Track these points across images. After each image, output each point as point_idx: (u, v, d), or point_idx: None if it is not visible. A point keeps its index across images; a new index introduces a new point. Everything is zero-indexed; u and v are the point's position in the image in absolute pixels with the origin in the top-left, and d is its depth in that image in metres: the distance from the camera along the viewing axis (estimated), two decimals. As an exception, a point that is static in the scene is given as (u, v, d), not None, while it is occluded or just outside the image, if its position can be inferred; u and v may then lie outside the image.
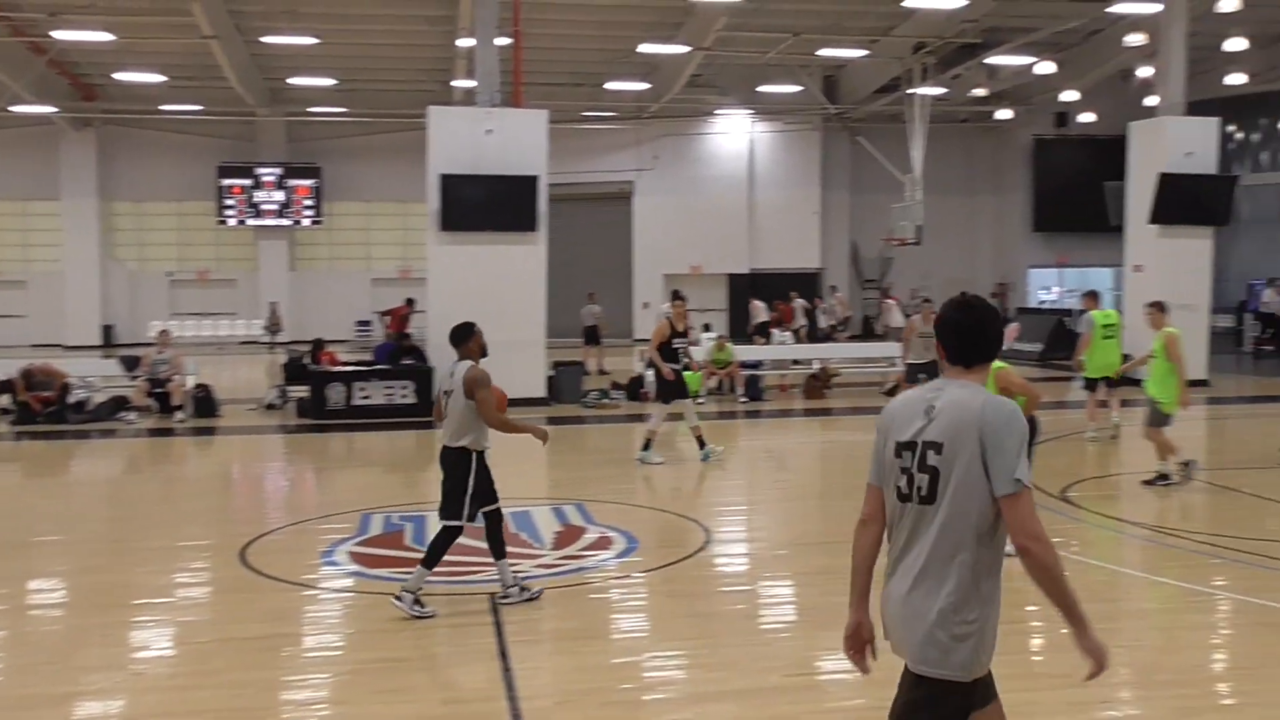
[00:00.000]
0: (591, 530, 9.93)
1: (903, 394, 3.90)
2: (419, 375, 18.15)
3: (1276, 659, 6.69)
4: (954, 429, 3.48)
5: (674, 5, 24.86)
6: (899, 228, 31.32)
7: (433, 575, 7.55)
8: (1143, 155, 21.34)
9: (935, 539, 3.52)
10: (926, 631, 3.53)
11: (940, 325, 3.75)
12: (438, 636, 7.23)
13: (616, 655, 6.97)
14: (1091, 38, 29.59)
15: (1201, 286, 21.30)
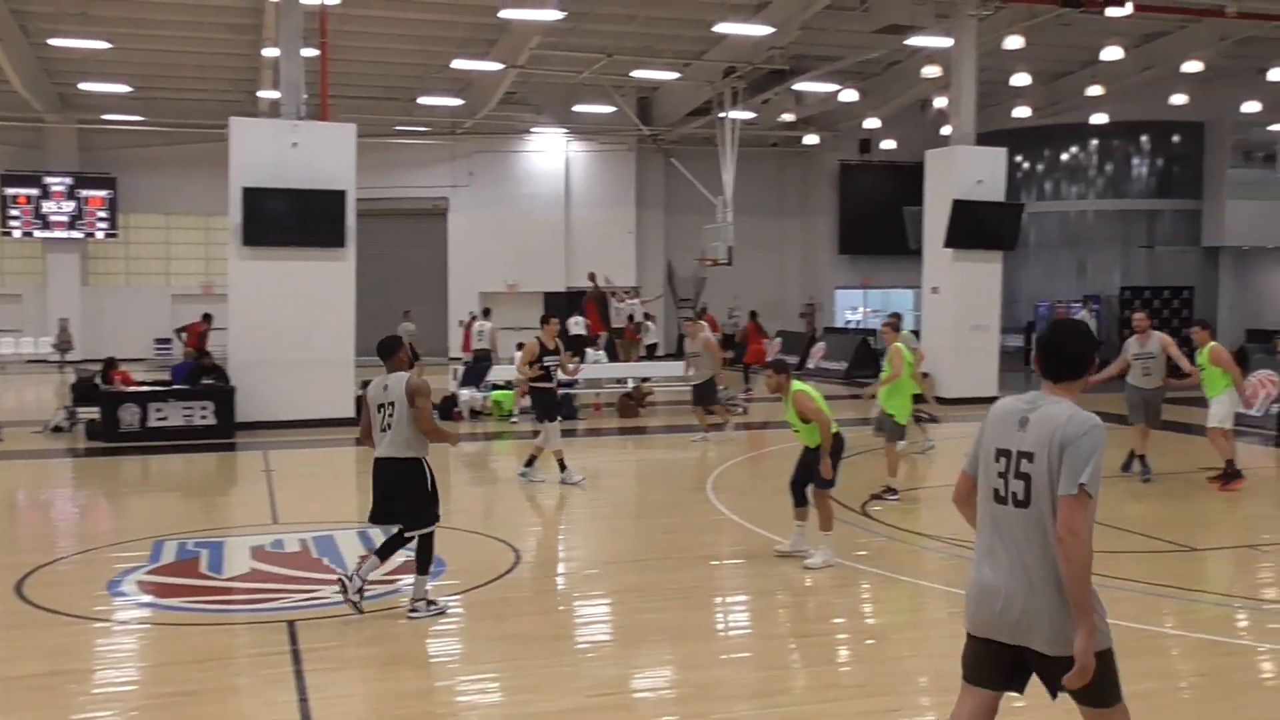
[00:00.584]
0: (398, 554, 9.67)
1: (1004, 400, 4.30)
2: (219, 395, 17.43)
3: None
4: (1043, 440, 3.94)
5: (488, 22, 24.72)
6: (711, 248, 31.91)
7: (237, 604, 7.24)
8: (938, 182, 22.36)
9: (1036, 540, 3.95)
10: (1058, 624, 3.94)
11: (1037, 344, 4.26)
12: (234, 667, 6.93)
13: (421, 681, 6.81)
14: (891, 68, 30.90)
15: (992, 307, 22.44)
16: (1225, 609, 8.07)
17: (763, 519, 11.09)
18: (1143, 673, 6.74)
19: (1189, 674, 6.84)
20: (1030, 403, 4.10)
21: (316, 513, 11.62)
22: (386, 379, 7.74)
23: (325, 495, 12.74)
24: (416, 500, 7.67)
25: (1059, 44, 27.84)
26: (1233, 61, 29.64)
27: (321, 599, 8.23)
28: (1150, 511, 11.75)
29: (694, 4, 24.38)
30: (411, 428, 7.58)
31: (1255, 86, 30.74)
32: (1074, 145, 35.87)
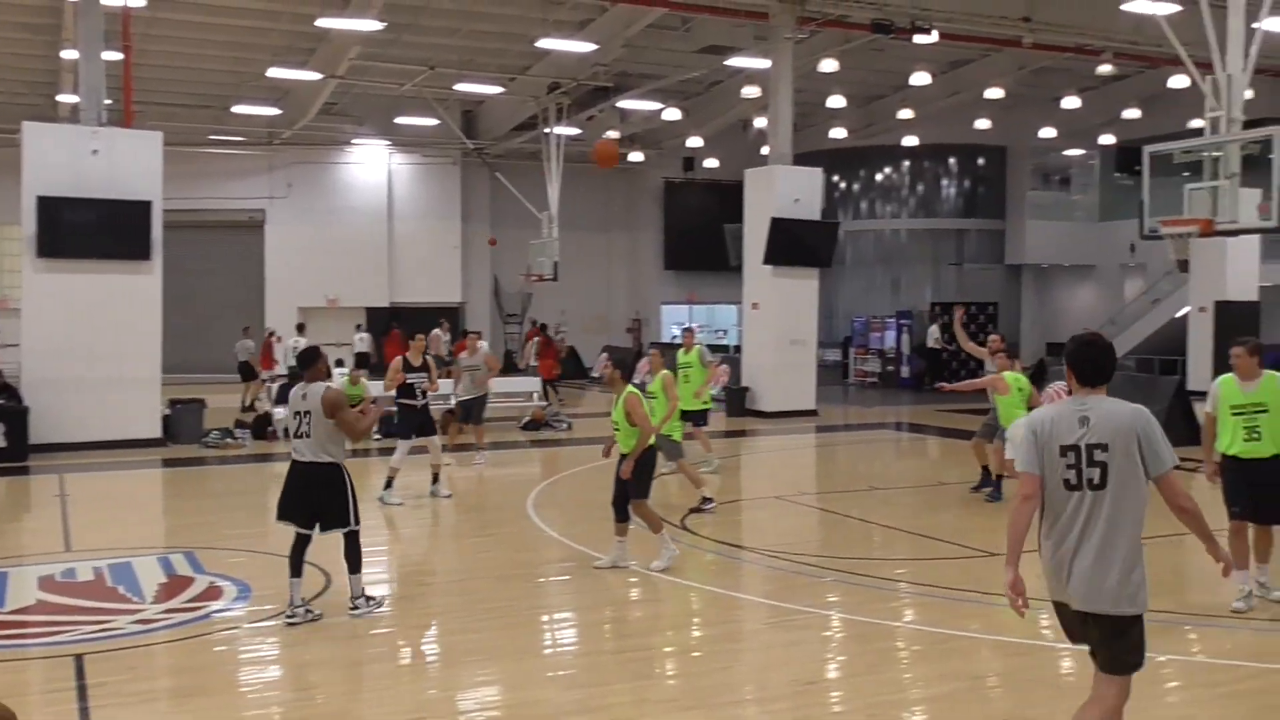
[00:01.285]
0: (200, 580, 9.29)
1: (1051, 409, 5.02)
2: (11, 416, 16.43)
3: (874, 666, 7.22)
4: (1114, 432, 4.77)
5: (305, 30, 24.10)
6: (537, 264, 31.89)
7: (20, 639, 6.80)
8: (757, 200, 22.85)
9: (1109, 515, 4.76)
10: (1116, 586, 4.76)
11: (1071, 355, 4.99)
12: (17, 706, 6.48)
13: (224, 713, 6.51)
14: (713, 88, 31.49)
15: (810, 323, 23.03)
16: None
17: (583, 535, 11.08)
18: (948, 674, 6.99)
19: (991, 673, 7.11)
20: (1082, 405, 4.89)
21: (114, 539, 11.03)
22: (306, 388, 8.18)
23: (124, 521, 12.13)
24: (340, 502, 8.11)
25: (872, 68, 28.88)
26: (1030, 89, 31.33)
27: (114, 630, 7.81)
28: (955, 519, 12.22)
29: (517, 19, 24.32)
30: (329, 434, 8.04)
31: (1051, 113, 32.53)
32: (887, 166, 37.27)
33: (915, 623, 8.21)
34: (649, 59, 27.79)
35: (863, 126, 34.47)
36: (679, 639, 8.04)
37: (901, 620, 8.28)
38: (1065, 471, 4.81)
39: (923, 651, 7.55)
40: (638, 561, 9.64)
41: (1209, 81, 14.60)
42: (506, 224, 36.07)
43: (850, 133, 34.30)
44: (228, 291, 33.26)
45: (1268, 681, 6.90)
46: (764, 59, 23.59)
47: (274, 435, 18.94)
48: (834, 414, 23.70)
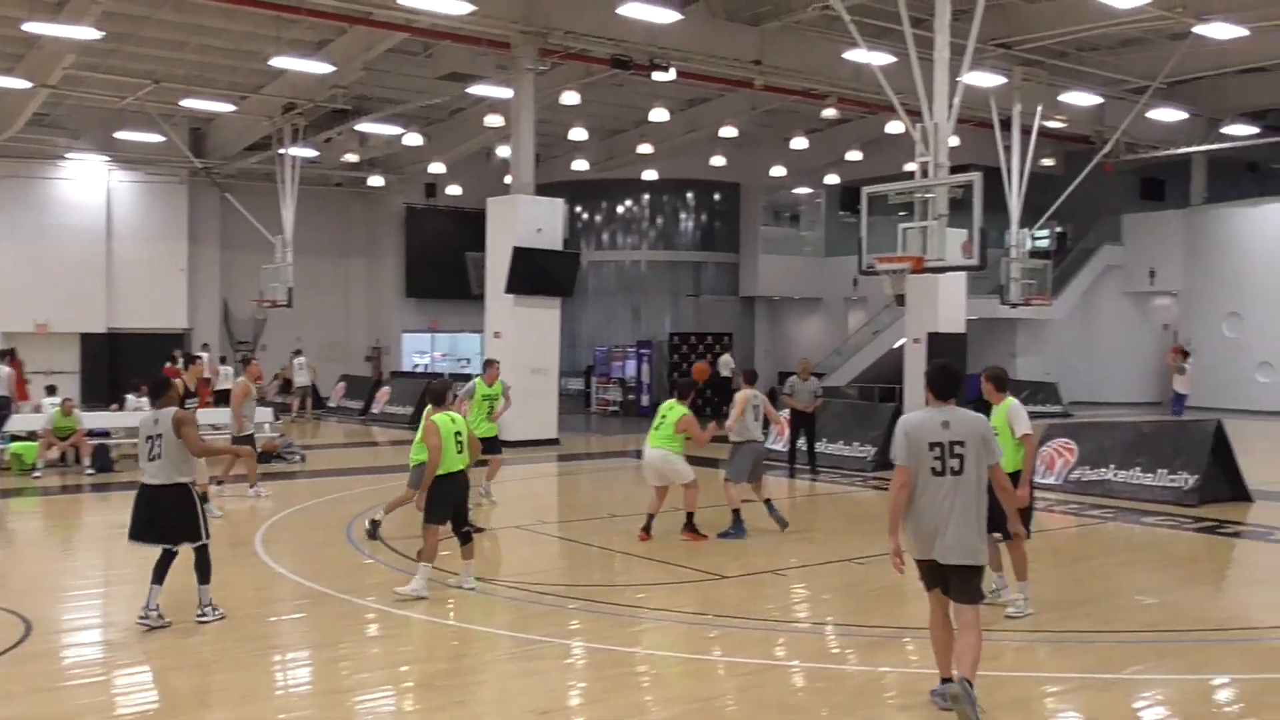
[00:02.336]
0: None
1: (915, 416, 6.66)
2: None
3: (614, 691, 7.34)
4: (969, 433, 6.41)
5: (11, 34, 22.48)
6: (270, 288, 30.78)
7: None
8: (499, 229, 22.92)
9: (966, 493, 6.33)
10: (976, 544, 6.39)
11: (931, 376, 6.74)
12: None
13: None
14: (456, 115, 31.42)
15: (552, 352, 23.23)
16: (757, 631, 8.78)
17: (315, 571, 10.76)
18: (683, 697, 7.20)
19: (725, 694, 7.36)
20: (940, 413, 6.48)
21: None
22: (156, 414, 8.79)
23: None
24: (190, 518, 8.67)
25: (613, 102, 29.59)
26: (763, 129, 32.89)
27: None
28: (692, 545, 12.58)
29: (250, 35, 23.52)
30: (180, 455, 8.62)
31: (781, 153, 34.22)
32: (628, 199, 38.17)
33: (653, 647, 8.41)
34: (390, 83, 27.48)
35: (604, 159, 35.21)
36: (417, 674, 7.92)
37: (640, 645, 8.46)
38: (933, 461, 6.36)
39: (659, 675, 7.74)
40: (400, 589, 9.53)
41: (919, 129, 15.78)
42: (237, 247, 34.66)
43: (592, 165, 34.97)
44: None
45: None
46: (506, 89, 23.75)
47: None
48: (576, 443, 23.97)
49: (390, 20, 21.22)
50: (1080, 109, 28.23)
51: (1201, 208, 34.25)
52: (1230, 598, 10.67)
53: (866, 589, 10.24)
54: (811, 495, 16.52)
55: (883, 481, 16.99)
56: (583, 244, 36.83)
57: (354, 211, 38.75)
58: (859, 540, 12.58)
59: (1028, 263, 26.95)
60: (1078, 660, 7.94)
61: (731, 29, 23.25)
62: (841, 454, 18.68)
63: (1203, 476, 14.56)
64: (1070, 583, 10.51)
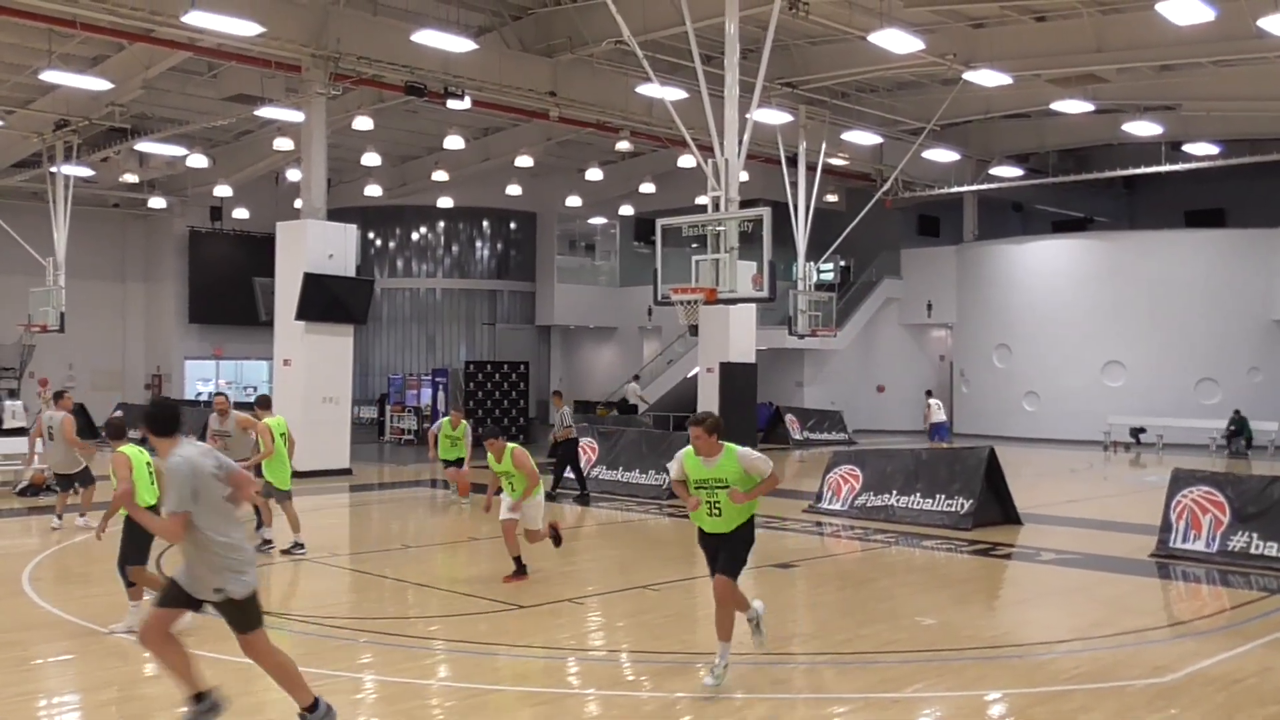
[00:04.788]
0: None
1: (192, 453, 6.21)
2: None
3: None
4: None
5: None
6: (40, 313, 29.07)
7: None
8: (289, 254, 22.34)
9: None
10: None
11: (145, 415, 6.44)
12: None
13: None
14: (243, 137, 30.50)
15: (344, 380, 22.74)
16: (552, 660, 8.82)
17: (88, 609, 10.21)
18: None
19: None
20: (211, 452, 6.43)
21: None
22: None
23: None
24: None
25: (407, 129, 29.33)
26: (558, 160, 33.21)
27: None
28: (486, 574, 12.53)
29: (16, 47, 22.26)
30: None
31: (576, 183, 34.64)
32: (423, 226, 37.84)
33: (447, 679, 8.33)
34: (172, 102, 26.48)
35: (398, 185, 34.81)
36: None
37: (435, 678, 8.37)
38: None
39: (454, 707, 7.68)
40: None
41: (710, 164, 16.26)
42: (3, 269, 32.56)
43: (385, 191, 34.50)
44: None
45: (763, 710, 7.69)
46: (296, 112, 23.22)
47: None
48: (369, 472, 23.49)
49: (173, 38, 20.50)
50: (861, 148, 29.68)
51: (973, 244, 36.44)
52: (1001, 616, 11.31)
53: (660, 615, 10.43)
54: (609, 523, 16.69)
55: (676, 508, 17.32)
56: (376, 270, 36.24)
57: (133, 234, 37.04)
58: (653, 567, 12.81)
59: (814, 295, 28.11)
60: (862, 680, 8.29)
61: (526, 60, 23.44)
62: (636, 482, 18.93)
63: (976, 501, 15.33)
64: (855, 605, 10.96)
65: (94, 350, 35.21)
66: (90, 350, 34.87)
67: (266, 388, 33.40)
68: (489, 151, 31.57)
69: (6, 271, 32.26)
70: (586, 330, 40.35)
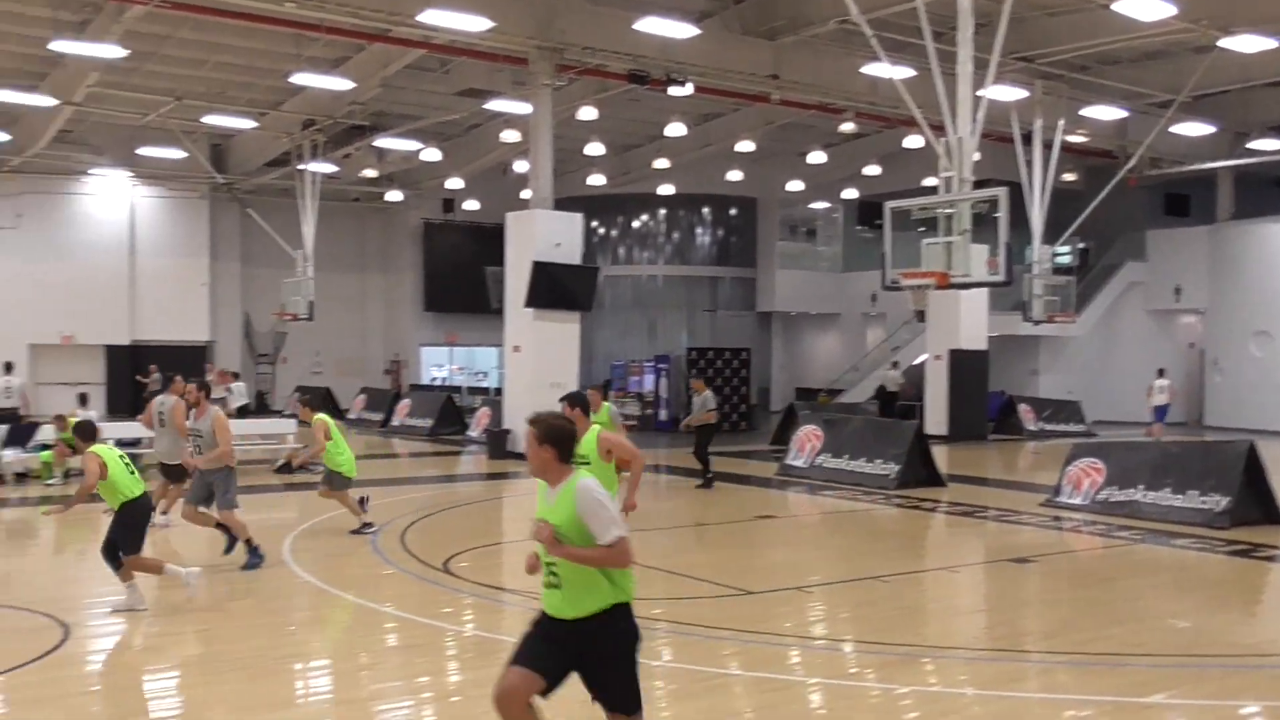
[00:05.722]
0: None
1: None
2: None
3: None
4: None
5: (37, 53, 22.70)
6: (291, 302, 30.92)
7: None
8: (518, 244, 22.93)
9: None
10: None
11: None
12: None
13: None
14: (473, 130, 31.52)
15: (571, 366, 23.17)
16: (778, 647, 8.73)
17: (341, 580, 10.77)
18: (706, 711, 7.14)
19: (747, 710, 7.30)
20: None
21: None
22: None
23: None
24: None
25: (629, 117, 29.64)
26: (779, 144, 32.87)
27: None
28: (713, 559, 12.55)
29: (269, 53, 23.68)
30: None
31: (797, 167, 34.22)
32: (644, 213, 38.19)
33: (674, 661, 8.35)
34: (407, 99, 27.59)
35: (620, 174, 35.25)
36: (438, 684, 7.90)
37: (661, 660, 8.41)
38: None
39: (677, 690, 7.68)
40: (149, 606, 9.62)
41: (942, 143, 15.71)
42: (258, 261, 34.87)
43: (608, 179, 35.00)
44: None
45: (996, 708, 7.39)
46: (524, 104, 23.81)
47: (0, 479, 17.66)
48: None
49: (408, 37, 21.32)
50: (1103, 123, 28.12)
51: (1228, 224, 33.94)
52: (1263, 623, 10.52)
53: (889, 607, 10.18)
54: (834, 512, 16.44)
55: (904, 499, 16.91)
56: (599, 258, 36.87)
57: (372, 226, 38.90)
58: (882, 559, 12.52)
59: (1050, 279, 26.76)
60: (1105, 683, 7.83)
61: (748, 43, 23.26)
62: (862, 470, 18.55)
63: (1235, 499, 14.21)
64: (1097, 604, 10.39)
65: (337, 338, 37.22)
66: (334, 338, 36.89)
67: (496, 374, 34.51)
68: (709, 137, 31.57)
69: (262, 264, 34.50)
70: (808, 317, 39.91)
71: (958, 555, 13.54)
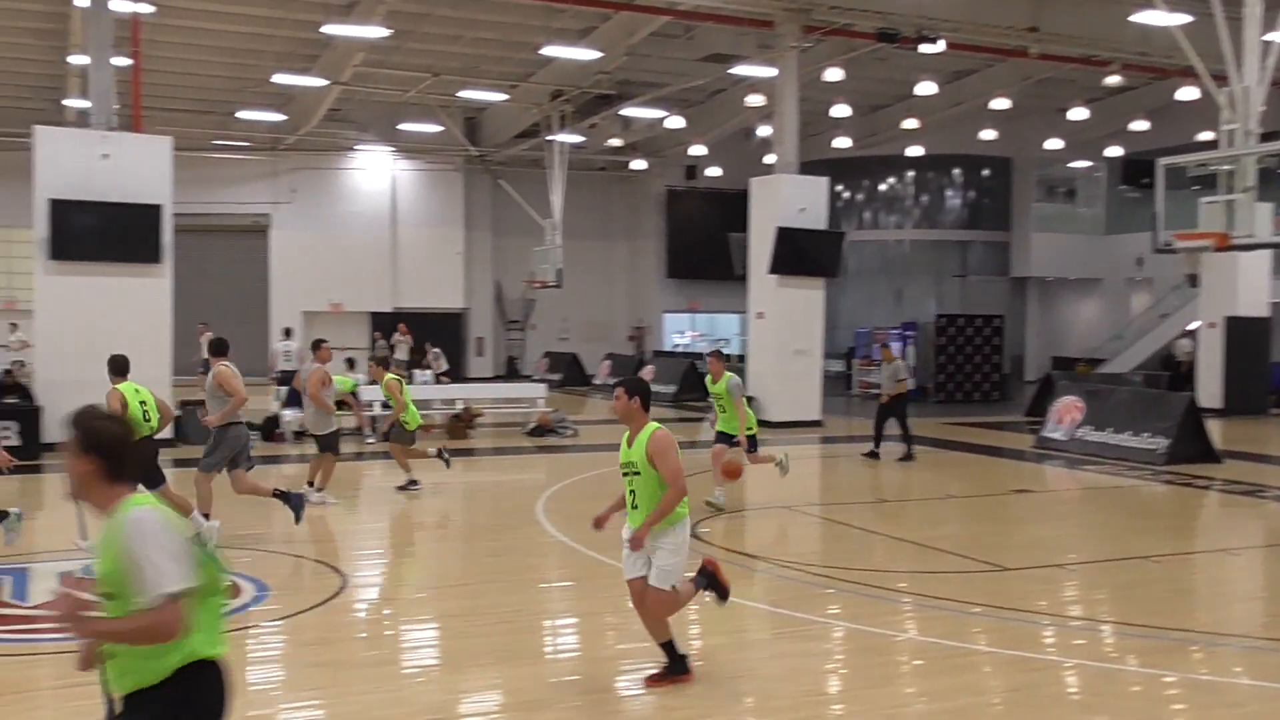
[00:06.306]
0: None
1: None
2: (23, 415, 16.47)
3: (875, 678, 7.18)
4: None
5: (309, 37, 24.15)
6: (540, 270, 31.90)
7: (43, 633, 7.39)
8: (762, 209, 22.83)
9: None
10: None
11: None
12: (39, 701, 6.51)
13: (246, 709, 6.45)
14: (716, 96, 31.51)
15: (815, 332, 22.96)
16: (1033, 626, 8.40)
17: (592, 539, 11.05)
18: (956, 689, 6.95)
19: (1000, 689, 7.07)
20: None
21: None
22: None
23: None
24: None
25: (876, 77, 28.91)
26: (1036, 100, 31.35)
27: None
28: (964, 533, 12.19)
29: (520, 26, 24.35)
30: None
31: (1056, 124, 32.56)
32: (891, 176, 37.26)
33: (921, 635, 8.17)
34: (651, 67, 27.83)
35: (867, 135, 34.48)
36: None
37: (906, 633, 8.24)
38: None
39: (927, 666, 7.50)
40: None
41: (1225, 93, 14.57)
42: (509, 231, 36.11)
43: (854, 142, 34.30)
44: (234, 296, 33.29)
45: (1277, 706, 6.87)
46: (768, 67, 23.60)
47: (281, 437, 18.96)
48: (839, 425, 23.64)
49: (653, 4, 21.49)
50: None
51: None
52: None
53: (1156, 589, 9.61)
54: (1095, 487, 15.66)
55: (1175, 475, 15.92)
56: (844, 223, 36.24)
57: (616, 195, 39.58)
58: (1150, 538, 11.84)
59: (1343, 239, 24.47)
60: None
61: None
62: (1127, 444, 17.53)
63: None
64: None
65: (584, 304, 38.15)
66: (580, 304, 37.84)
67: (738, 341, 34.55)
68: (961, 95, 30.43)
69: (512, 233, 35.74)
70: (1066, 282, 38.04)
71: (1235, 537, 12.65)
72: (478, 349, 36.93)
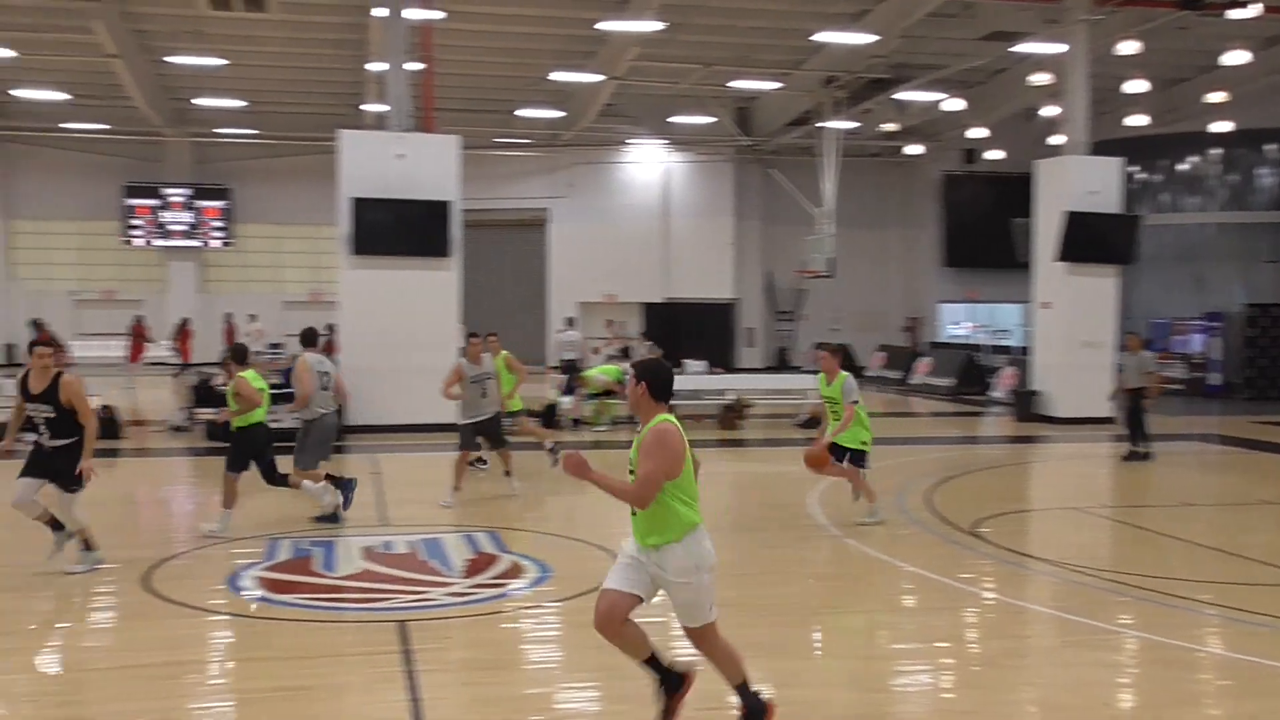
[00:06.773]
0: (504, 558, 9.75)
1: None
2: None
3: (1176, 696, 6.70)
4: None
5: (586, 34, 24.84)
6: (811, 260, 31.63)
7: (348, 603, 7.98)
8: (1049, 193, 21.77)
9: None
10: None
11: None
12: (344, 665, 6.99)
13: (527, 686, 6.81)
14: (997, 76, 30.26)
15: (1107, 324, 21.67)
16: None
17: (862, 534, 10.87)
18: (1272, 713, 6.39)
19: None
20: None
21: (422, 516, 11.75)
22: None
23: (429, 499, 12.80)
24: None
25: (1176, 48, 27.00)
26: (1365, 66, 28.39)
27: (429, 600, 8.37)
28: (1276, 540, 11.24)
29: (792, 13, 24.16)
30: None
31: (1387, 92, 29.40)
32: (1193, 154, 34.64)
33: (1228, 651, 7.55)
34: (929, 48, 27.01)
35: (1165, 111, 32.20)
36: (959, 651, 7.71)
37: (1208, 648, 7.64)
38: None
39: (1237, 686, 6.90)
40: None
41: None
42: (779, 220, 36.00)
43: (1152, 119, 32.11)
44: (514, 287, 34.81)
45: None
46: (1056, 44, 22.45)
47: (560, 424, 19.66)
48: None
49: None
50: None
51: None
52: None
53: None
54: None
55: None
56: (1140, 206, 34.02)
57: (890, 181, 38.69)
58: None
59: None
60: None
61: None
62: None
63: None
64: None
65: (856, 294, 37.52)
66: (853, 294, 37.23)
67: (1020, 332, 33.12)
68: (1276, 63, 27.94)
69: (783, 222, 35.59)
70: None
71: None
72: (748, 339, 37.05)
